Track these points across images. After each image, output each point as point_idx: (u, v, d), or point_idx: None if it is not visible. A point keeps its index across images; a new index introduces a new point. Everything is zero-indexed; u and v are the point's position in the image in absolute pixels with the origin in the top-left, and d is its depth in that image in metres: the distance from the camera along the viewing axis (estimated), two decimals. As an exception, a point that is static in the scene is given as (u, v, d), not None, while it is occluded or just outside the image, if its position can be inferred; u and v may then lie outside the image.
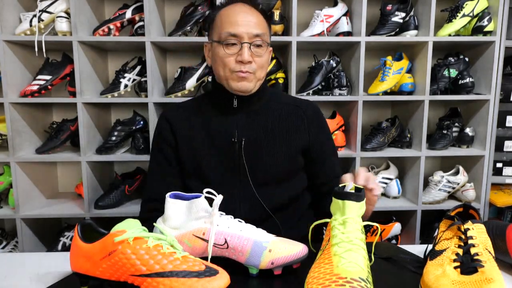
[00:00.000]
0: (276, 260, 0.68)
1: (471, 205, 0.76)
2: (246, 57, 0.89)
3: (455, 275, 0.60)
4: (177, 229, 0.72)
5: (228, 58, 0.91)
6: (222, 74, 0.94)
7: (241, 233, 0.71)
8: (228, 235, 0.70)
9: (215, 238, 0.70)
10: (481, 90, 1.75)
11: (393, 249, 0.83)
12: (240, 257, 0.70)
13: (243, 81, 0.92)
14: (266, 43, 0.94)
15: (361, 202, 0.67)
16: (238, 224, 0.73)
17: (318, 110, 1.05)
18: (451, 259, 0.64)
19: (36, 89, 1.58)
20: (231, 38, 0.90)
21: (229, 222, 0.73)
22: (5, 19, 1.54)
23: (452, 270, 0.61)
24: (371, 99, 1.67)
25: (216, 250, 0.70)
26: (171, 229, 0.72)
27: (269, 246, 0.69)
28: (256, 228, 0.75)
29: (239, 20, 0.90)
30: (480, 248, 0.65)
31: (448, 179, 1.74)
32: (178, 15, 1.68)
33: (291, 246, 0.70)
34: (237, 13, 0.91)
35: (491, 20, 1.65)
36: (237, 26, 0.90)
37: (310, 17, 1.72)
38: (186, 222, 0.72)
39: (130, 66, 1.70)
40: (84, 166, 1.62)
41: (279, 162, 0.97)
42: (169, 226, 0.73)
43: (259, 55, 0.92)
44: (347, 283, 0.55)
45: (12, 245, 1.75)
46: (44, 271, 0.75)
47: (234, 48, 0.91)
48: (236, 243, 0.70)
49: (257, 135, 0.97)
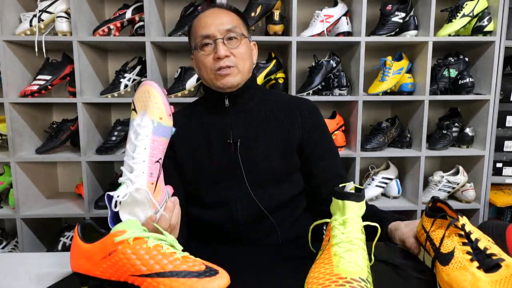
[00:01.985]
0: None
1: (440, 199, 0.73)
2: (221, 52, 0.91)
3: (485, 277, 0.57)
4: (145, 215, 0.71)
5: (206, 59, 0.94)
6: (206, 77, 0.96)
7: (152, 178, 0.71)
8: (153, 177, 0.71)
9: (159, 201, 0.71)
10: (481, 90, 1.75)
11: (393, 249, 0.83)
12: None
13: (227, 77, 0.93)
14: (241, 34, 0.95)
15: (361, 202, 0.67)
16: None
17: (315, 108, 1.04)
18: (467, 259, 0.60)
19: (36, 89, 1.58)
20: (205, 40, 0.93)
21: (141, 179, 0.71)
22: (5, 19, 1.54)
23: (479, 271, 0.58)
24: (371, 99, 1.67)
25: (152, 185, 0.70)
26: (143, 217, 0.71)
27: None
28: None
29: (208, 21, 0.93)
30: (485, 241, 0.63)
31: (448, 179, 1.74)
32: (178, 15, 1.68)
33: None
34: (207, 16, 0.95)
35: (491, 20, 1.65)
36: (207, 27, 0.93)
37: (310, 17, 1.72)
38: (145, 211, 0.71)
39: (130, 66, 1.70)
40: (84, 166, 1.62)
41: (275, 161, 0.96)
42: (142, 217, 0.71)
43: (234, 47, 0.94)
44: (347, 283, 0.55)
45: (12, 245, 1.76)
46: (44, 271, 0.75)
47: (209, 47, 0.93)
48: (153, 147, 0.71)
49: (252, 135, 0.97)
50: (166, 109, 0.74)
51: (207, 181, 0.97)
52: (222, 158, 0.96)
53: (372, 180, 1.79)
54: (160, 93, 0.73)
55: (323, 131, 1.04)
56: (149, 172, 0.70)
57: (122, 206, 0.69)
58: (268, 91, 1.09)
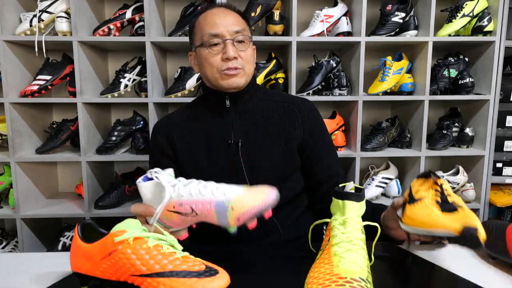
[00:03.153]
0: (241, 216, 0.66)
1: (434, 172, 0.78)
2: (231, 54, 0.91)
3: (440, 213, 0.67)
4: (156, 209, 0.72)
5: (213, 58, 0.93)
6: (210, 75, 0.95)
7: (203, 198, 0.68)
8: (193, 203, 0.68)
9: (184, 208, 0.69)
10: (481, 90, 1.75)
11: (393, 249, 0.83)
12: (212, 220, 0.68)
13: (233, 78, 0.93)
14: (248, 37, 0.96)
15: (361, 202, 0.67)
16: (199, 186, 0.70)
17: (314, 108, 1.05)
18: (433, 204, 0.69)
19: (36, 89, 1.58)
20: (213, 39, 0.92)
21: (191, 188, 0.70)
22: (5, 19, 1.54)
23: (437, 210, 0.68)
24: (371, 99, 1.67)
25: (190, 219, 0.69)
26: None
27: (231, 204, 0.66)
28: (219, 184, 0.71)
29: (217, 21, 0.93)
30: (455, 197, 0.71)
31: (448, 179, 1.74)
32: (178, 15, 1.68)
33: (255, 197, 0.66)
34: (215, 15, 0.94)
35: (491, 20, 1.65)
36: (217, 26, 0.92)
37: (310, 17, 1.72)
38: (159, 200, 0.71)
39: (130, 66, 1.70)
40: (84, 166, 1.62)
41: (276, 161, 0.97)
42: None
43: (243, 49, 0.94)
44: (347, 283, 0.55)
45: (12, 245, 1.76)
46: (44, 271, 0.75)
47: (218, 47, 0.93)
48: (201, 209, 0.68)
49: (253, 135, 0.97)
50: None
51: (208, 181, 0.97)
52: (223, 158, 0.96)
53: (372, 180, 1.79)
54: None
55: (323, 131, 1.05)
56: (181, 203, 0.69)
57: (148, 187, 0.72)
58: (268, 91, 1.09)
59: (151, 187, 0.71)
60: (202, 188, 0.70)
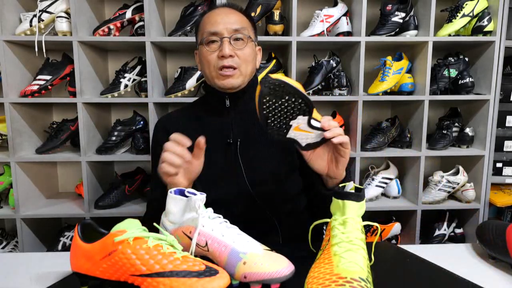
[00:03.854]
0: (249, 275, 0.62)
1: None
2: (226, 51, 0.91)
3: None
4: (173, 224, 0.72)
5: (210, 55, 0.94)
6: (208, 73, 0.96)
7: (222, 238, 0.67)
8: (210, 238, 0.67)
9: (198, 238, 0.68)
10: (481, 90, 1.75)
11: (393, 249, 0.83)
12: (219, 263, 0.66)
13: (228, 79, 0.94)
14: (248, 36, 0.96)
15: (361, 202, 0.67)
16: (224, 228, 0.69)
17: None
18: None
19: (36, 89, 1.58)
20: (211, 36, 0.94)
21: (215, 224, 0.69)
22: (5, 19, 1.54)
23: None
24: (371, 99, 1.67)
25: (200, 250, 0.69)
26: (169, 222, 0.72)
27: (245, 258, 0.63)
28: (244, 235, 0.70)
29: (218, 19, 0.94)
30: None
31: (448, 179, 1.74)
32: (178, 15, 1.68)
33: (271, 263, 0.63)
34: (217, 14, 0.96)
35: (491, 20, 1.65)
36: (216, 25, 0.93)
37: (310, 17, 1.72)
38: (181, 218, 0.71)
39: (130, 66, 1.70)
40: (84, 166, 1.62)
41: (275, 161, 0.97)
42: (168, 220, 0.73)
43: (240, 48, 0.94)
44: (347, 283, 0.55)
45: (12, 245, 1.76)
46: (44, 271, 0.75)
47: (215, 45, 0.94)
48: (215, 248, 0.66)
49: (252, 135, 0.97)
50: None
51: (207, 180, 0.97)
52: (222, 158, 0.97)
53: (372, 180, 1.79)
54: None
55: None
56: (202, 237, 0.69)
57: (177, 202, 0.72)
58: None
59: (180, 202, 0.71)
60: (225, 229, 0.69)
